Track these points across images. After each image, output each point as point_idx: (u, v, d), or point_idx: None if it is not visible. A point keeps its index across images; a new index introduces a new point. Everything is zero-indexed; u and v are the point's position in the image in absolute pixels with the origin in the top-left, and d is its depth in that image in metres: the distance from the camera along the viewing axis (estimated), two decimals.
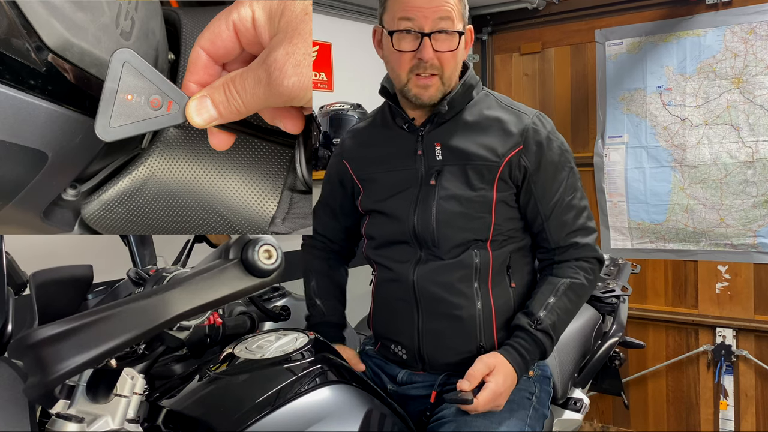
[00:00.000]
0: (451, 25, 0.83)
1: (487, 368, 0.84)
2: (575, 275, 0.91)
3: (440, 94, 0.87)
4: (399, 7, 0.84)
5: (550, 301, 0.89)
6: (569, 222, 0.92)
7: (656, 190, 2.00)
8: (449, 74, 0.86)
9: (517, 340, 0.88)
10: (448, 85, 0.88)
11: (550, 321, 0.88)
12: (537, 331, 0.87)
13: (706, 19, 1.88)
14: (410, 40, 0.83)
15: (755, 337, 1.91)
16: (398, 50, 0.84)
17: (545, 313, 0.88)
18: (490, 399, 0.82)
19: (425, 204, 0.90)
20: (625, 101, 2.05)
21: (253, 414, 0.69)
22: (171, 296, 0.52)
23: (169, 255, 0.98)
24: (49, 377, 0.47)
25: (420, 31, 0.82)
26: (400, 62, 0.85)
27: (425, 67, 0.84)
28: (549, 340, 0.88)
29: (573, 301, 0.91)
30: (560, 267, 0.92)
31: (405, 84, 0.87)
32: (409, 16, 0.82)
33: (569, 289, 0.90)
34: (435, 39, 0.83)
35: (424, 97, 0.87)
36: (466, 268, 0.89)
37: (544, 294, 0.90)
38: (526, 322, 0.88)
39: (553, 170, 0.91)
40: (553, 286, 0.91)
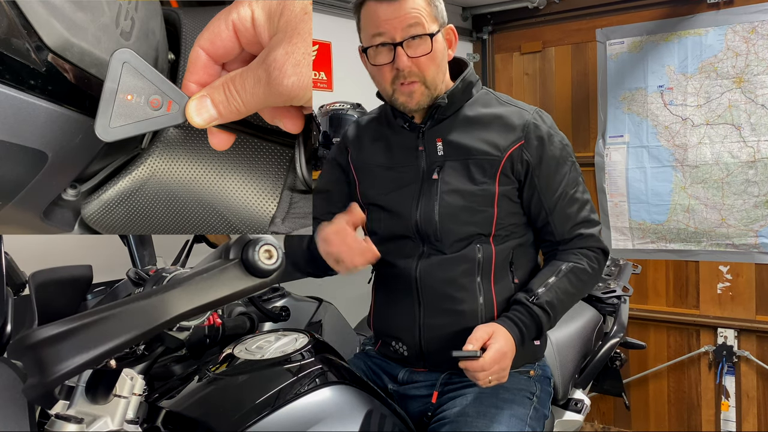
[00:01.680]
0: (422, 30, 0.84)
1: (487, 334, 0.84)
2: (578, 260, 0.92)
3: (427, 99, 0.88)
4: (370, 24, 0.86)
5: (550, 281, 0.90)
6: (573, 215, 0.93)
7: (657, 190, 2.00)
8: (431, 78, 0.87)
9: (514, 313, 0.88)
10: (434, 89, 0.88)
11: (548, 298, 0.88)
12: (534, 305, 0.87)
13: (708, 18, 1.87)
14: (385, 53, 0.85)
15: (757, 338, 1.90)
16: (375, 65, 0.87)
17: (544, 290, 0.89)
18: (495, 358, 0.81)
19: (428, 198, 0.91)
20: (626, 101, 2.04)
21: (252, 415, 0.69)
22: (170, 297, 0.52)
23: (169, 255, 0.98)
24: (49, 378, 0.47)
25: (392, 41, 0.84)
26: (381, 76, 0.88)
27: (404, 75, 0.86)
28: (546, 316, 0.88)
29: (574, 284, 0.91)
30: (564, 253, 0.93)
31: (391, 95, 0.89)
32: (379, 31, 0.85)
33: (570, 272, 0.91)
34: (408, 46, 0.84)
35: (411, 104, 0.88)
36: (469, 262, 0.90)
37: (546, 274, 0.91)
38: (523, 297, 0.89)
39: (555, 164, 0.91)
40: (555, 268, 0.91)
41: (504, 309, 0.91)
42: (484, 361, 0.80)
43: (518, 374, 0.93)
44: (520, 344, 0.87)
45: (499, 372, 0.82)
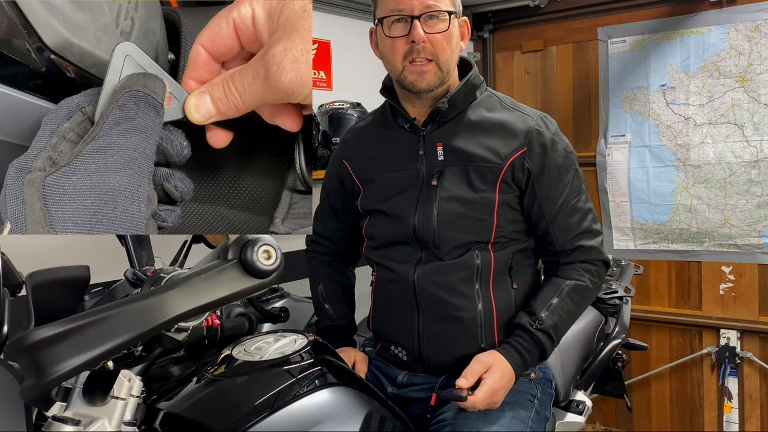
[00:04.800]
0: (441, 7, 0.84)
1: (484, 366, 0.83)
2: (580, 277, 0.91)
3: (437, 80, 0.87)
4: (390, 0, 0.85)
5: (553, 302, 0.88)
6: (574, 225, 0.91)
7: (659, 189, 1.99)
8: (445, 59, 0.86)
9: (517, 339, 0.87)
10: (446, 72, 0.87)
11: (552, 322, 0.87)
12: (538, 331, 0.87)
13: (710, 16, 1.87)
14: (401, 27, 0.84)
15: (760, 339, 1.89)
16: (389, 36, 0.85)
17: (547, 313, 0.87)
18: (487, 396, 0.81)
19: (426, 204, 0.90)
20: (628, 100, 2.03)
21: (251, 417, 0.69)
22: (169, 297, 0.52)
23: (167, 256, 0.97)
24: (46, 379, 0.47)
25: (409, 14, 0.83)
26: (394, 50, 0.86)
27: (418, 51, 0.84)
28: (550, 341, 0.88)
29: (576, 303, 0.90)
30: (565, 268, 0.92)
31: (401, 72, 0.87)
32: (399, 6, 0.84)
33: (573, 291, 0.90)
34: (425, 22, 0.84)
35: (421, 84, 0.86)
36: (467, 268, 0.89)
37: (548, 295, 0.90)
38: (527, 322, 0.88)
39: (558, 173, 0.90)
40: (557, 287, 0.90)
41: (504, 314, 0.90)
42: (475, 400, 0.81)
43: (519, 377, 0.92)
44: (522, 371, 0.87)
45: (490, 405, 0.83)
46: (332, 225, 1.06)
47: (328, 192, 1.05)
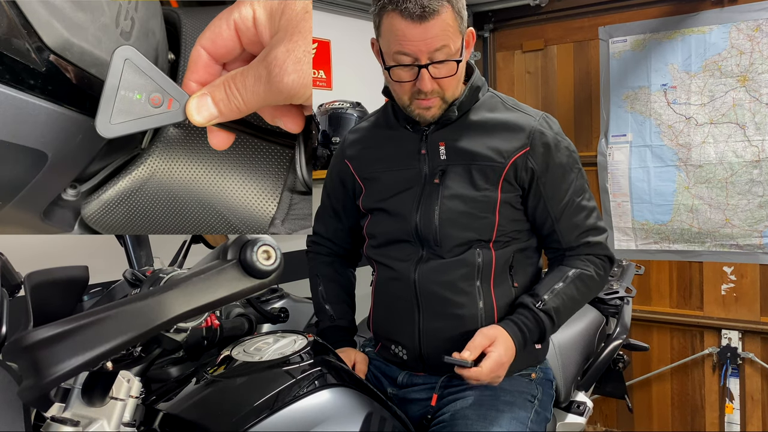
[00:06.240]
0: (448, 53, 0.81)
1: (488, 340, 0.83)
2: (585, 267, 0.92)
3: (443, 111, 0.88)
4: (393, 40, 0.81)
5: (557, 287, 0.89)
6: (580, 223, 0.92)
7: (661, 189, 1.98)
8: (451, 93, 0.87)
9: (518, 317, 0.88)
10: (450, 100, 0.88)
11: (555, 304, 0.88)
12: (539, 310, 0.87)
13: (712, 16, 1.86)
14: (408, 71, 0.83)
15: (761, 340, 1.89)
16: (396, 81, 0.85)
17: (551, 296, 0.88)
18: (492, 369, 0.81)
19: (428, 202, 0.90)
20: (629, 99, 2.03)
21: (250, 417, 0.69)
22: (168, 298, 0.51)
23: (166, 256, 0.97)
24: (44, 380, 0.47)
25: (417, 63, 0.81)
26: (401, 89, 0.86)
27: (425, 94, 0.84)
28: (551, 322, 0.88)
29: (580, 290, 0.91)
30: (570, 259, 0.93)
31: (407, 106, 0.88)
32: (404, 50, 0.81)
33: (578, 278, 0.91)
34: (433, 67, 0.82)
35: (427, 116, 0.88)
36: (468, 266, 0.89)
37: (552, 280, 0.91)
38: (530, 301, 0.88)
39: (562, 172, 0.91)
40: (562, 273, 0.91)
41: (505, 313, 0.91)
42: (480, 372, 0.81)
43: (519, 377, 0.93)
44: (522, 348, 0.86)
45: (494, 379, 0.83)
46: (333, 225, 1.06)
47: (330, 192, 1.05)
